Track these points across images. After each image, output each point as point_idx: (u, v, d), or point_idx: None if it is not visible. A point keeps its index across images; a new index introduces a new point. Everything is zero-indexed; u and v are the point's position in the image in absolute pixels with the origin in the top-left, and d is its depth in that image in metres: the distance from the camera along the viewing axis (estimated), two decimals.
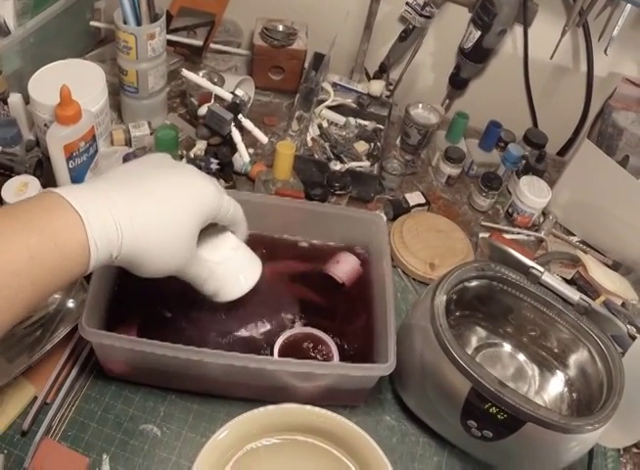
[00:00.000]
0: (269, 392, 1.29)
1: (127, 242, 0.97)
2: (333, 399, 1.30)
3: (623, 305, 1.63)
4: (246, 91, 1.66)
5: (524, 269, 1.36)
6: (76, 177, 1.59)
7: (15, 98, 1.67)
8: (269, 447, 1.22)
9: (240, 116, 1.61)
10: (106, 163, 1.69)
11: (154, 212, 1.01)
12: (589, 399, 1.32)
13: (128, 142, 1.80)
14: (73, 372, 1.35)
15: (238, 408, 1.19)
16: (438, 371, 1.24)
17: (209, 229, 1.17)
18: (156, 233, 1.01)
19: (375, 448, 1.18)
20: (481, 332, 1.49)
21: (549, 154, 2.04)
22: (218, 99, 1.67)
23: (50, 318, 1.37)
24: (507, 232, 1.88)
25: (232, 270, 1.26)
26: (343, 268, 1.50)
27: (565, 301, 1.35)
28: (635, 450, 1.48)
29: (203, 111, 1.64)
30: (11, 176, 1.55)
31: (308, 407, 1.20)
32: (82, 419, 1.31)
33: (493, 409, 1.18)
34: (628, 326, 1.55)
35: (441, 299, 1.27)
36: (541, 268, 1.35)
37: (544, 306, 1.38)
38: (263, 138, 1.63)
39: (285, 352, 1.33)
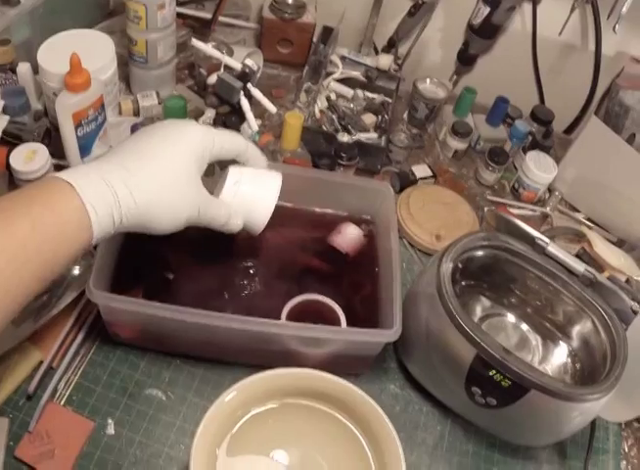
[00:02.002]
0: (275, 358, 1.28)
1: (126, 202, 0.99)
2: (338, 366, 1.30)
3: (628, 281, 1.63)
4: (254, 60, 1.66)
5: (529, 240, 1.36)
6: (85, 145, 1.59)
7: (24, 68, 1.66)
8: (275, 411, 1.22)
9: (249, 85, 1.61)
10: (114, 132, 1.70)
11: (144, 169, 1.03)
12: (592, 370, 1.33)
13: (136, 112, 1.81)
14: (79, 337, 1.35)
15: (244, 374, 1.18)
16: (443, 338, 1.25)
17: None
18: (154, 188, 1.03)
19: (380, 415, 1.18)
20: (486, 302, 1.49)
21: (556, 132, 2.03)
22: (227, 69, 1.67)
23: (56, 284, 1.37)
24: (512, 207, 1.88)
25: (248, 200, 1.23)
26: (346, 239, 1.50)
27: (570, 272, 1.35)
28: (637, 425, 1.49)
29: (212, 80, 1.64)
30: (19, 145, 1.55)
31: (315, 372, 1.20)
32: (88, 384, 1.31)
33: (498, 376, 1.18)
34: (632, 302, 1.55)
35: (448, 266, 1.27)
36: (547, 239, 1.35)
37: (549, 277, 1.38)
38: (272, 108, 1.63)
39: (292, 317, 1.34)
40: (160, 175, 1.04)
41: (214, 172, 1.30)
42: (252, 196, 1.24)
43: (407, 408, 1.40)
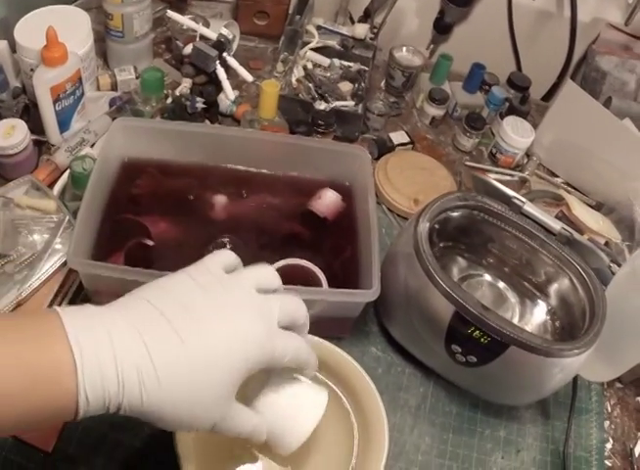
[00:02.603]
0: None
1: (131, 396, 0.77)
2: (319, 329, 1.29)
3: (607, 244, 1.65)
4: (231, 32, 1.67)
5: (506, 200, 1.37)
6: (64, 120, 1.60)
7: (1, 45, 1.66)
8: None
9: (225, 54, 1.62)
10: (93, 107, 1.70)
11: (180, 356, 0.80)
12: (572, 328, 1.34)
13: (114, 86, 1.81)
14: None
15: None
16: (422, 297, 1.25)
17: None
18: (181, 382, 0.80)
19: (362, 375, 1.19)
20: (464, 263, 1.51)
21: (533, 98, 2.05)
22: (203, 39, 1.67)
23: (38, 257, 1.38)
24: (491, 172, 1.89)
25: (282, 418, 1.00)
26: (325, 203, 1.50)
27: (547, 231, 1.36)
28: (619, 385, 1.50)
29: (188, 50, 1.65)
30: None
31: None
32: None
33: (477, 333, 1.19)
34: (611, 264, 1.57)
35: (425, 225, 1.28)
36: (523, 198, 1.36)
37: (526, 236, 1.39)
38: (248, 76, 1.64)
39: None
40: (200, 375, 0.81)
41: None
42: (290, 415, 1.02)
43: (389, 370, 1.42)
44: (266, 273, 0.97)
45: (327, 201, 1.50)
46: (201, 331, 0.82)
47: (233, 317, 0.86)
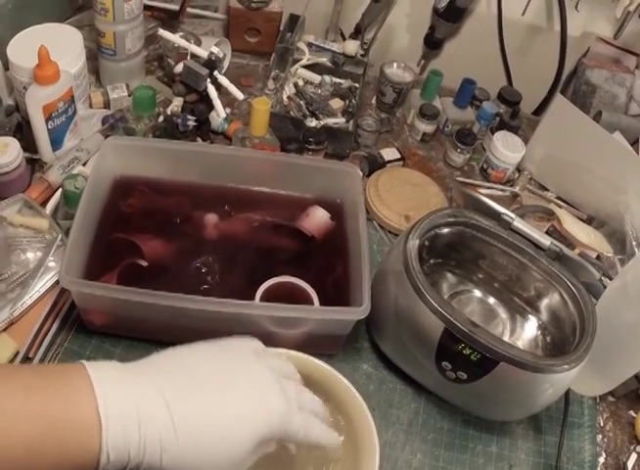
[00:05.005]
0: None
1: (154, 457, 0.81)
2: (311, 346, 1.30)
3: (598, 257, 1.65)
4: (222, 50, 1.67)
5: (496, 217, 1.38)
6: (56, 138, 1.61)
7: None
8: None
9: (216, 72, 1.62)
10: (85, 125, 1.71)
11: (202, 422, 0.85)
12: (563, 343, 1.34)
13: (107, 104, 1.82)
14: (54, 326, 1.36)
15: None
16: (412, 314, 1.26)
17: None
18: (202, 445, 0.85)
19: (353, 393, 1.19)
20: (455, 280, 1.51)
21: (524, 113, 2.05)
22: (194, 57, 1.68)
23: (31, 275, 1.39)
24: (482, 187, 1.90)
25: None
26: (313, 222, 1.51)
27: (536, 246, 1.37)
28: (611, 399, 1.50)
29: (179, 68, 1.65)
30: None
31: (287, 351, 1.21)
32: None
33: (467, 350, 1.20)
34: (603, 278, 1.57)
35: (414, 243, 1.29)
36: (512, 214, 1.37)
37: (516, 252, 1.39)
38: (239, 94, 1.64)
39: (265, 300, 1.34)
40: (216, 442, 0.86)
41: None
42: None
43: (381, 387, 1.42)
44: (289, 367, 1.06)
45: (315, 219, 1.50)
46: (227, 402, 0.89)
47: (262, 395, 0.93)
